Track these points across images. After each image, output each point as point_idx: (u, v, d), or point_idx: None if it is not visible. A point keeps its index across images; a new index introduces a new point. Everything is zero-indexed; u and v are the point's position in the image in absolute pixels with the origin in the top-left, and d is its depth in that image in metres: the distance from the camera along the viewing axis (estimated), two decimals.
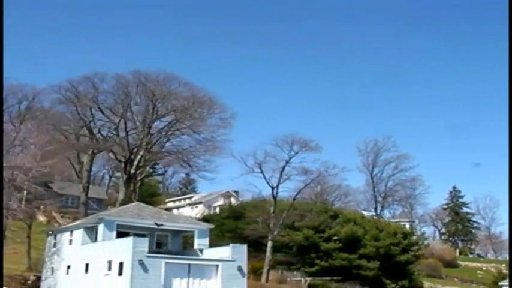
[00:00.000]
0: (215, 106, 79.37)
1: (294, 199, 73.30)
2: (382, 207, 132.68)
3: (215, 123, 79.57)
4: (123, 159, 77.63)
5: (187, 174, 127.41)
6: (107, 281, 43.80)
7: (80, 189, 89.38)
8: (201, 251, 49.59)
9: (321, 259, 77.87)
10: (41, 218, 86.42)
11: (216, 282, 44.55)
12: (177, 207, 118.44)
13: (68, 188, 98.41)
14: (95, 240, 48.56)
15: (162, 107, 78.41)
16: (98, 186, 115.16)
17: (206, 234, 50.69)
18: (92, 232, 49.06)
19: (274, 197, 70.40)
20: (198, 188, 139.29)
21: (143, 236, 48.25)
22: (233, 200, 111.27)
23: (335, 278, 74.53)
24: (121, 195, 77.17)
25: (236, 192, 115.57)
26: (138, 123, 78.78)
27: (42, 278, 54.04)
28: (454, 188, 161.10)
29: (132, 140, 78.99)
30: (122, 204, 78.78)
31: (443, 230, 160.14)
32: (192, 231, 51.05)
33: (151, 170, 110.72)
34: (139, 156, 77.12)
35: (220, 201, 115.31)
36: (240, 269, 45.72)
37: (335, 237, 78.56)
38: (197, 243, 49.99)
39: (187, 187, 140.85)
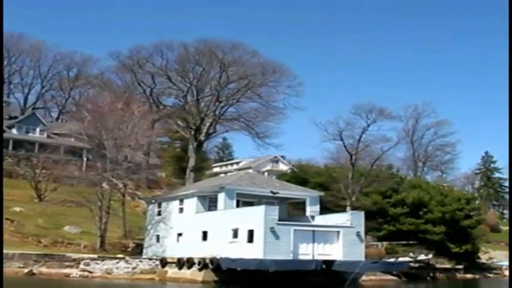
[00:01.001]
0: (283, 74, 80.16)
1: (372, 166, 74.38)
2: (422, 172, 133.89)
3: (283, 91, 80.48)
4: (193, 127, 78.42)
5: (224, 139, 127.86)
6: (233, 248, 44.79)
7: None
8: (313, 217, 50.65)
9: (389, 224, 79.18)
10: (106, 186, 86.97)
11: (337, 247, 45.80)
12: (224, 172, 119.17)
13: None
14: (209, 208, 49.65)
15: (231, 75, 79.09)
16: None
17: (317, 202, 51.75)
18: (205, 200, 50.06)
19: (353, 164, 71.48)
20: (233, 152, 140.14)
21: (251, 203, 49.55)
22: (281, 165, 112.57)
23: (402, 242, 75.95)
24: (192, 162, 78.15)
25: (283, 157, 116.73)
26: (206, 91, 79.48)
27: (145, 245, 55.18)
28: (486, 153, 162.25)
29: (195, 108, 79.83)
30: (192, 170, 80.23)
31: (476, 195, 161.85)
32: (303, 199, 52.03)
33: None
34: (208, 124, 77.92)
35: (268, 167, 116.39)
36: (358, 234, 46.96)
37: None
38: (309, 210, 51.05)
39: (224, 152, 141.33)
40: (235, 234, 45.32)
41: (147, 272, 47.78)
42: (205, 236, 48.21)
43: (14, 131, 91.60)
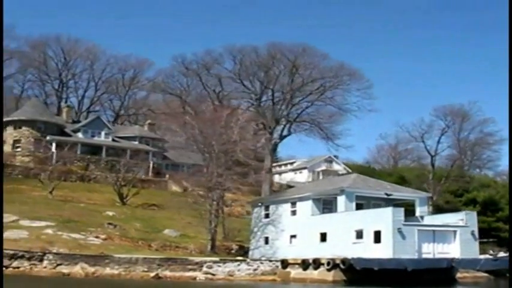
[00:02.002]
0: (354, 76, 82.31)
1: (452, 166, 76.37)
2: (468, 169, 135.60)
3: (354, 93, 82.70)
4: (269, 129, 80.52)
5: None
6: (357, 248, 46.70)
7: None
8: (422, 217, 52.55)
9: None
10: (174, 188, 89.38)
11: (455, 246, 47.81)
12: (279, 173, 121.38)
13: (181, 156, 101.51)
14: (322, 211, 51.71)
15: (303, 78, 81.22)
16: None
17: (425, 202, 53.73)
18: (319, 203, 52.07)
19: (433, 165, 73.48)
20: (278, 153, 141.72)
21: (360, 205, 51.59)
22: (335, 165, 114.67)
23: (483, 240, 77.90)
24: (267, 164, 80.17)
25: (336, 157, 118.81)
26: (279, 94, 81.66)
27: (251, 246, 57.17)
28: None
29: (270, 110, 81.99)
30: (268, 172, 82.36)
31: None
32: (413, 200, 53.95)
33: None
34: (282, 126, 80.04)
35: (323, 167, 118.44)
36: (472, 233, 48.96)
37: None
38: (418, 210, 52.98)
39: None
40: (359, 235, 47.24)
41: (268, 273, 49.50)
42: (323, 237, 50.09)
43: (80, 134, 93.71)
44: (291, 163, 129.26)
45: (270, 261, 50.70)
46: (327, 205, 51.81)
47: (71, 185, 78.17)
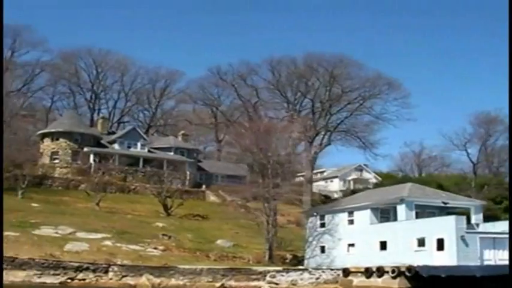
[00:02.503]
0: (391, 86, 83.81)
1: (495, 174, 77.64)
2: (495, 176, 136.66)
3: (393, 103, 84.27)
4: (309, 139, 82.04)
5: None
6: (420, 256, 47.91)
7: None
8: (477, 225, 53.73)
9: None
10: (212, 198, 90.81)
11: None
12: (309, 182, 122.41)
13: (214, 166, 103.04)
14: (380, 220, 53.03)
15: (341, 88, 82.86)
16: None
17: (480, 210, 54.85)
18: (377, 212, 53.39)
19: (475, 173, 74.76)
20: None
21: (416, 214, 52.83)
22: (365, 174, 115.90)
23: None
24: (308, 174, 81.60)
25: (366, 165, 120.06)
26: (317, 104, 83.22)
27: (306, 256, 58.47)
28: None
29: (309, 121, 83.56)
30: (309, 182, 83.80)
31: None
32: (468, 208, 55.16)
33: None
34: (321, 136, 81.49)
35: (354, 175, 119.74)
36: None
37: None
38: (474, 218, 54.16)
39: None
40: (421, 243, 48.49)
41: (330, 282, 50.56)
42: (383, 245, 51.34)
43: (116, 146, 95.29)
44: (321, 172, 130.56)
45: (331, 269, 51.71)
46: (384, 214, 53.09)
47: (112, 197, 79.59)
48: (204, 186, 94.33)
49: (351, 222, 54.91)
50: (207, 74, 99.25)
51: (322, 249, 56.88)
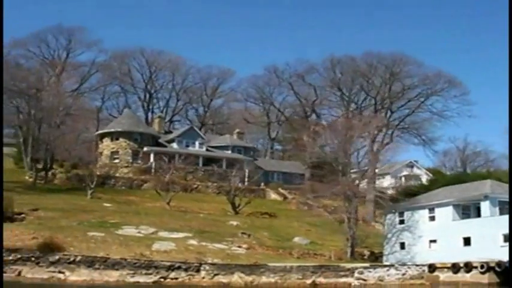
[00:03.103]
0: (451, 83, 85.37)
1: None
2: None
3: (454, 100, 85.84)
4: (372, 138, 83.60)
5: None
6: (505, 251, 49.65)
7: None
8: None
9: None
10: (273, 196, 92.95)
11: None
12: (373, 180, 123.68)
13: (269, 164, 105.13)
14: (462, 216, 54.77)
15: (403, 86, 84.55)
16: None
17: None
18: (458, 208, 55.12)
19: None
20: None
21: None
22: (416, 170, 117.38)
23: None
24: (370, 172, 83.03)
25: (416, 161, 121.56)
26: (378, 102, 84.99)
27: (385, 252, 60.40)
28: None
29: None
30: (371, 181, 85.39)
31: None
32: None
33: None
34: (382, 134, 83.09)
35: (405, 172, 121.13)
36: None
37: None
38: None
39: None
40: (506, 238, 50.09)
41: (415, 277, 52.30)
42: (467, 241, 53.05)
43: (175, 145, 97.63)
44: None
45: (416, 265, 53.59)
46: (465, 210, 54.79)
47: (176, 196, 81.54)
48: (262, 184, 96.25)
49: (432, 218, 56.65)
50: (259, 72, 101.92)
51: (402, 246, 58.67)
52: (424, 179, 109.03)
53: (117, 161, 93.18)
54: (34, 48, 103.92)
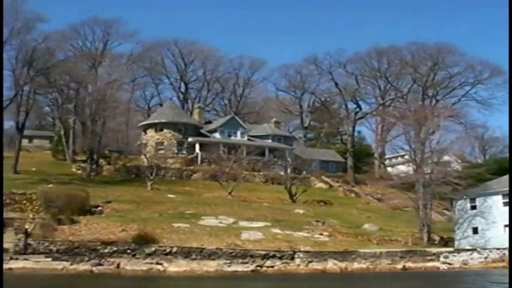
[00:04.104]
0: (495, 72, 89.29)
1: None
2: None
3: (498, 88, 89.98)
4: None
5: None
6: None
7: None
8: None
9: None
10: (319, 184, 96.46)
11: None
12: (391, 165, 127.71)
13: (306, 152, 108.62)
14: None
15: (449, 75, 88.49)
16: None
17: None
18: None
19: None
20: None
21: None
22: (445, 157, 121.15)
23: None
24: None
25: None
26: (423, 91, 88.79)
27: (457, 237, 64.30)
28: None
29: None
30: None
31: None
32: None
33: None
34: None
35: (435, 159, 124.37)
36: None
37: None
38: None
39: None
40: None
41: (497, 260, 56.06)
42: None
43: (217, 135, 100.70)
44: (402, 156, 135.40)
45: (497, 249, 57.40)
46: None
47: (228, 186, 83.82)
48: (304, 172, 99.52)
49: (506, 204, 60.39)
50: (289, 61, 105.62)
51: (475, 231, 62.49)
52: (458, 166, 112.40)
53: (162, 151, 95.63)
54: (72, 40, 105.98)
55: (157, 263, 50.43)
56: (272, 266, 52.42)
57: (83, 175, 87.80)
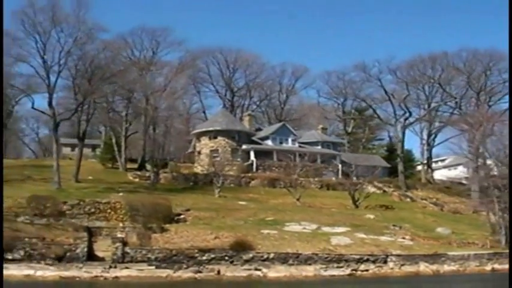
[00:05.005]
0: None
1: None
2: None
3: None
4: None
5: None
6: None
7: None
8: None
9: None
10: (370, 189, 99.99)
11: None
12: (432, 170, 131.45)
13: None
14: None
15: (502, 79, 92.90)
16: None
17: None
18: None
19: None
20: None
21: None
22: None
23: None
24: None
25: None
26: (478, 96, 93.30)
27: None
28: None
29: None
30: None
31: None
32: None
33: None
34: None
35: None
36: None
37: None
38: None
39: None
40: None
41: None
42: None
43: (269, 142, 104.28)
44: (442, 160, 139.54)
45: None
46: None
47: (294, 192, 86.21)
48: (355, 178, 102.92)
49: None
50: (331, 68, 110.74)
51: None
52: None
53: (217, 159, 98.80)
54: (121, 50, 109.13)
55: (255, 269, 53.00)
56: (367, 270, 55.37)
57: (142, 183, 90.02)
